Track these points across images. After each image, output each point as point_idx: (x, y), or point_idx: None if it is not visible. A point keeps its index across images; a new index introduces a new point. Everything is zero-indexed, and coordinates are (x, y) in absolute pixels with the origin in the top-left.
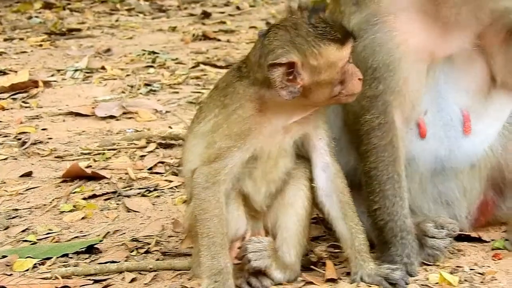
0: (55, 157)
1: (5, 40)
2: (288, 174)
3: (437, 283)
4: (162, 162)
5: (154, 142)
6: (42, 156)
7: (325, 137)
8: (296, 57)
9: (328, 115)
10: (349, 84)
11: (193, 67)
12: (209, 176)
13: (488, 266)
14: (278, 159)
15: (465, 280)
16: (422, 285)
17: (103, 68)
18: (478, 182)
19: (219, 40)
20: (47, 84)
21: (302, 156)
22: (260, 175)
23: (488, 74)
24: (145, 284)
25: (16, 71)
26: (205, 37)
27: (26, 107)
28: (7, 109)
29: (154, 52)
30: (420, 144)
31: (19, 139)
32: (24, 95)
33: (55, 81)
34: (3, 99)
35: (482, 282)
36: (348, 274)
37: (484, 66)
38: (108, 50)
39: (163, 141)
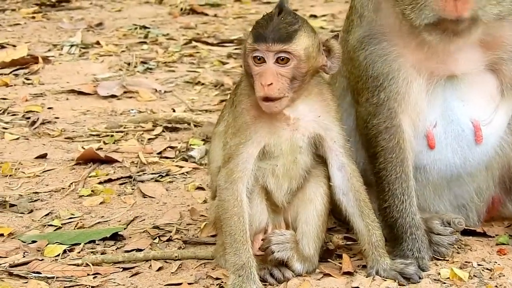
0: (65, 138)
1: None
2: (308, 172)
3: (448, 278)
4: (171, 147)
5: (160, 125)
6: (53, 137)
7: (340, 139)
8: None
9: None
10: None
11: (185, 44)
12: (226, 176)
13: (495, 262)
14: (296, 156)
15: (475, 276)
16: (435, 279)
17: (97, 43)
18: (491, 181)
19: (206, 14)
20: (46, 60)
21: (321, 155)
22: (282, 172)
23: (498, 87)
24: (172, 273)
25: (13, 45)
26: (193, 11)
27: (28, 83)
28: (11, 86)
29: (145, 27)
30: (431, 154)
31: (28, 118)
32: (26, 71)
33: (53, 56)
34: (5, 74)
35: (490, 278)
36: (363, 267)
37: (494, 81)
38: (100, 24)
39: (169, 125)
